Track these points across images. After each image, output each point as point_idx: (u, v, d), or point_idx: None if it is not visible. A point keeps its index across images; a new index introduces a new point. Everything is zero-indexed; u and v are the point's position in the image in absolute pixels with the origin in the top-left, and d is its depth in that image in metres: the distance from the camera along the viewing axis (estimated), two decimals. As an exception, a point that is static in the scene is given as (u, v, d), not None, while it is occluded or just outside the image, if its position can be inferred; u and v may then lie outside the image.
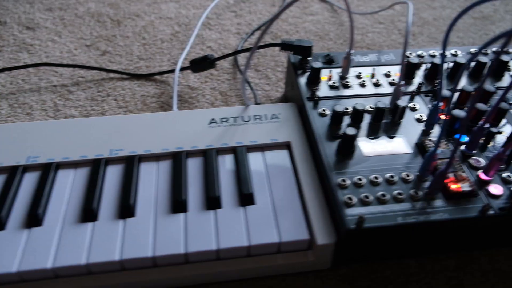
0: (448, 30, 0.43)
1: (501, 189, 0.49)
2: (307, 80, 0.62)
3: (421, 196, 0.48)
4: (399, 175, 0.50)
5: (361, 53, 0.68)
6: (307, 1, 0.99)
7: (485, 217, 0.47)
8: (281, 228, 0.48)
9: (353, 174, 0.50)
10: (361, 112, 0.55)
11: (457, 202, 0.48)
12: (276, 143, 0.56)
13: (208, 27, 0.88)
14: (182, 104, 0.70)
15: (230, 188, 0.52)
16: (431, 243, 0.50)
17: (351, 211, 0.46)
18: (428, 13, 0.97)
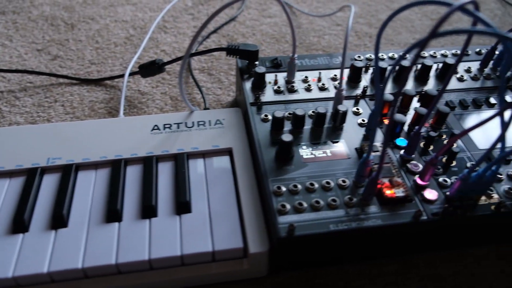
0: (379, 34, 0.43)
1: (435, 194, 0.49)
2: (252, 85, 0.62)
3: (355, 202, 0.47)
4: (336, 181, 0.49)
5: (310, 56, 0.68)
6: (266, 3, 0.99)
7: (418, 222, 0.47)
8: (216, 236, 0.47)
9: (290, 180, 0.49)
10: (301, 118, 0.54)
11: (391, 208, 0.48)
12: (218, 150, 0.56)
13: (164, 30, 0.87)
14: (131, 110, 0.69)
15: (168, 196, 0.51)
16: (369, 248, 0.50)
17: (283, 218, 0.46)
18: (387, 14, 0.97)
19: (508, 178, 0.52)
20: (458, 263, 0.52)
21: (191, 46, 0.52)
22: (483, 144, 0.55)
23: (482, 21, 0.36)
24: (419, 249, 0.53)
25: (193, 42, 0.51)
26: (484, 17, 0.36)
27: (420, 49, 0.35)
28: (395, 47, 0.88)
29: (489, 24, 0.36)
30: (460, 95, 0.64)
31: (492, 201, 0.49)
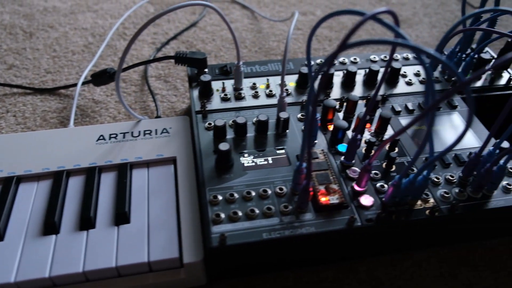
0: (309, 38, 0.44)
1: (371, 200, 0.49)
2: (199, 93, 0.62)
3: (291, 210, 0.48)
4: (274, 189, 0.50)
5: (260, 63, 0.68)
6: (229, 8, 0.99)
7: (352, 229, 0.47)
8: (152, 246, 0.47)
9: (228, 189, 0.50)
10: (243, 126, 0.55)
11: (327, 215, 0.48)
12: (162, 159, 0.56)
13: (123, 38, 0.87)
14: (83, 119, 0.69)
15: (108, 207, 0.51)
16: (307, 255, 0.51)
17: (217, 228, 0.46)
18: (348, 18, 0.98)
19: (446, 181, 0.52)
20: (398, 267, 0.52)
21: (124, 56, 0.52)
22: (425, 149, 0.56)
23: (395, 31, 0.37)
24: (360, 254, 0.53)
25: (125, 52, 0.51)
26: (396, 28, 0.37)
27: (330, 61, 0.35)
28: (354, 50, 0.89)
29: (402, 36, 0.37)
30: (407, 99, 0.64)
31: (427, 205, 0.50)
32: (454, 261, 0.53)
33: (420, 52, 0.34)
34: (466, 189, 0.52)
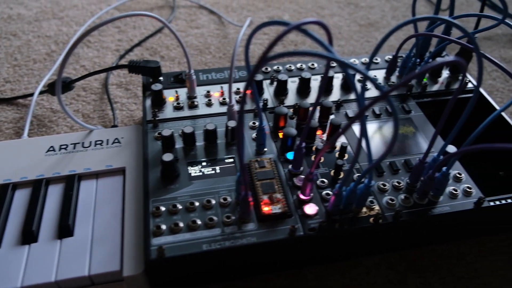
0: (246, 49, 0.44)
1: (315, 209, 0.49)
2: (151, 102, 0.62)
3: (234, 220, 0.48)
4: (219, 199, 0.50)
5: (217, 70, 0.68)
6: (196, 13, 0.99)
7: (293, 238, 0.47)
8: (94, 260, 0.47)
9: (172, 200, 0.49)
10: (190, 135, 0.54)
11: (270, 225, 0.48)
12: (111, 170, 0.56)
13: (86, 45, 0.87)
14: (39, 129, 0.68)
15: (53, 220, 0.51)
16: (254, 265, 0.50)
17: (157, 240, 0.46)
18: (315, 22, 0.98)
19: (393, 188, 0.52)
20: (347, 274, 0.52)
21: (62, 68, 0.51)
22: (375, 155, 0.56)
23: (320, 42, 0.36)
24: (308, 262, 0.53)
25: (65, 61, 0.51)
26: (321, 40, 0.36)
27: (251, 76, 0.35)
28: (319, 54, 0.88)
29: (328, 48, 0.36)
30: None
31: (372, 213, 0.49)
32: (403, 267, 0.53)
33: (342, 64, 0.34)
34: (413, 195, 0.51)
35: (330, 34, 0.39)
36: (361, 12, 1.03)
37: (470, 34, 0.44)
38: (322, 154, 0.43)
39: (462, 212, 0.51)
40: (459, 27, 0.43)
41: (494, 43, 0.95)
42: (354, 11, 1.03)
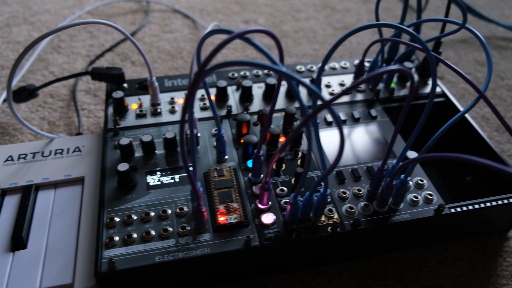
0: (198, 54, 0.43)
1: (272, 218, 0.48)
2: (113, 110, 0.61)
3: (189, 231, 0.47)
4: (175, 209, 0.49)
5: (182, 76, 0.67)
6: (170, 17, 0.98)
7: (249, 249, 0.46)
8: (46, 272, 0.46)
9: (127, 210, 0.49)
10: (149, 144, 0.54)
11: (226, 235, 0.47)
12: (70, 179, 0.55)
13: (57, 50, 0.86)
14: (3, 138, 0.67)
15: (6, 232, 0.50)
16: (213, 275, 0.50)
17: (109, 252, 0.45)
18: (290, 25, 0.97)
19: (354, 196, 0.52)
20: (309, 283, 0.52)
21: (11, 77, 0.50)
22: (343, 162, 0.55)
23: (264, 53, 0.36)
24: (270, 271, 0.52)
25: (13, 70, 0.50)
26: (265, 50, 0.36)
27: (194, 86, 0.34)
28: (292, 59, 0.88)
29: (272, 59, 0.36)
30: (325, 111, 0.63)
31: (330, 221, 0.49)
32: (365, 275, 0.53)
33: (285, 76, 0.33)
34: (373, 203, 0.51)
35: (279, 44, 0.38)
36: (337, 15, 1.02)
37: (421, 40, 0.43)
38: (273, 163, 0.42)
39: (422, 219, 0.50)
40: (408, 32, 0.43)
41: (469, 46, 0.95)
42: (331, 15, 1.03)
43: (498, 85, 0.84)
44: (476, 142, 0.61)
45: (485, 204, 0.52)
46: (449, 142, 0.64)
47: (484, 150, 0.59)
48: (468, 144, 0.62)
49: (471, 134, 0.62)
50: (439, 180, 0.63)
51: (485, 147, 0.59)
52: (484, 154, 0.59)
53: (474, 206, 0.52)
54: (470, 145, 0.61)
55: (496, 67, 0.89)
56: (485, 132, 0.74)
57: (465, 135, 0.63)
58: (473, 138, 0.61)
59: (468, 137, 0.62)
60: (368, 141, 0.59)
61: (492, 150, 0.58)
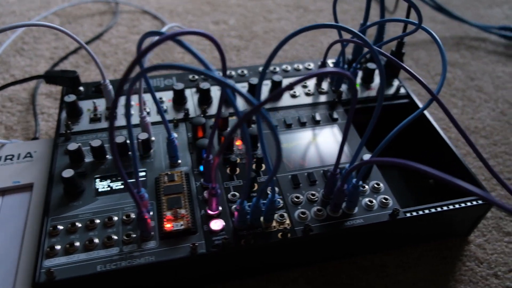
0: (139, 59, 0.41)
1: (221, 224, 0.47)
2: (66, 114, 0.59)
3: (134, 238, 0.45)
4: (122, 216, 0.47)
5: (141, 79, 0.66)
6: (139, 18, 0.96)
7: (196, 256, 0.45)
8: (-14, 283, 0.44)
9: (72, 218, 0.47)
10: (99, 149, 0.52)
11: (172, 242, 0.46)
12: (19, 186, 0.53)
13: (19, 53, 0.84)
14: (-43, 142, 0.65)
15: None
16: (160, 284, 0.48)
17: (50, 262, 0.44)
18: (261, 26, 0.96)
19: (308, 200, 0.50)
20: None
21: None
22: (294, 166, 0.54)
23: (197, 57, 0.35)
24: (223, 277, 0.51)
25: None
26: (198, 54, 0.35)
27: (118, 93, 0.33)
28: (261, 60, 0.87)
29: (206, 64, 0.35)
30: (288, 112, 0.62)
31: (282, 227, 0.48)
32: (321, 281, 0.52)
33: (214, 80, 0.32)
34: (327, 208, 0.50)
35: (219, 47, 0.37)
36: (309, 16, 1.01)
37: (368, 42, 0.42)
38: (215, 168, 0.41)
39: (377, 224, 0.49)
40: (348, 30, 0.42)
41: (441, 46, 0.94)
42: (303, 15, 1.01)
43: (468, 85, 0.84)
44: (439, 144, 0.60)
45: (441, 208, 0.51)
46: (414, 144, 0.63)
47: (445, 152, 0.58)
48: (433, 147, 0.61)
49: (434, 137, 0.61)
50: (404, 183, 0.62)
51: (447, 150, 0.58)
52: (446, 156, 0.58)
53: (431, 210, 0.51)
54: (435, 148, 0.61)
55: (467, 68, 0.89)
56: (452, 134, 0.73)
57: (428, 137, 0.62)
58: (437, 140, 0.60)
59: (432, 140, 0.61)
60: (328, 144, 0.57)
61: (453, 153, 0.58)
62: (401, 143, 0.62)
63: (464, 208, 0.51)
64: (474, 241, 0.58)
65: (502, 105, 0.80)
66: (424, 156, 0.63)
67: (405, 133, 0.61)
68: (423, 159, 0.64)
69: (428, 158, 0.62)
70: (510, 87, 0.84)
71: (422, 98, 0.80)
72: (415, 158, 0.66)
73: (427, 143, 0.63)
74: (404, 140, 0.64)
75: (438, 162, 0.60)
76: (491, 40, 0.98)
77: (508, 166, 0.68)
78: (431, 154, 0.62)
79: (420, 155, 0.63)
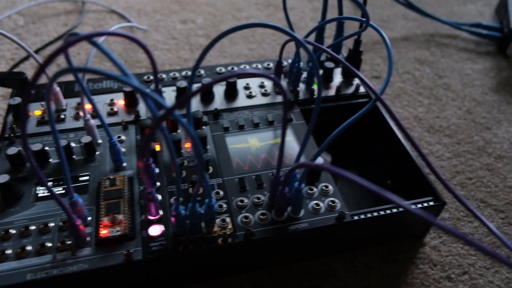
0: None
1: (160, 229, 0.46)
2: (13, 117, 0.58)
3: (68, 245, 0.44)
4: (59, 222, 0.46)
5: (94, 80, 0.65)
6: (105, 18, 0.95)
7: (131, 263, 0.44)
8: None
9: (7, 225, 0.46)
10: (40, 153, 0.51)
11: (108, 249, 0.44)
12: (-40, 191, 0.52)
13: (-21, 54, 0.82)
14: None
15: None
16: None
17: (-22, 270, 0.42)
18: (229, 25, 0.95)
19: (253, 204, 0.49)
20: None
21: None
22: (242, 168, 0.53)
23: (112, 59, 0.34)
24: (163, 285, 0.50)
25: None
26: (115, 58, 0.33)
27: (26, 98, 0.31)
28: (226, 59, 0.85)
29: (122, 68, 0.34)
30: (242, 113, 0.61)
31: (224, 232, 0.47)
32: (269, 286, 0.51)
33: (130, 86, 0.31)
34: (272, 212, 0.49)
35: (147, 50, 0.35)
36: (280, 14, 1.00)
37: (301, 41, 0.41)
38: (142, 172, 0.39)
39: (323, 228, 0.48)
40: (286, 33, 0.41)
41: (411, 43, 0.93)
42: (273, 13, 1.00)
43: (435, 83, 0.83)
44: (395, 144, 0.59)
45: (391, 211, 0.50)
46: (372, 143, 0.63)
47: (402, 153, 0.57)
48: (391, 147, 0.60)
49: (391, 136, 0.60)
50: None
51: (403, 150, 0.57)
52: (403, 156, 0.57)
53: (380, 213, 0.50)
54: (392, 148, 0.60)
55: (437, 65, 0.88)
56: (415, 133, 0.72)
57: (386, 137, 0.61)
58: (393, 139, 0.59)
59: (390, 139, 0.60)
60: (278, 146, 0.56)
61: (408, 154, 0.57)
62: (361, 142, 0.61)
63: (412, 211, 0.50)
64: (430, 243, 0.57)
65: (468, 103, 0.79)
66: (383, 156, 0.62)
67: (365, 132, 0.61)
68: (383, 160, 0.63)
69: (387, 158, 0.61)
70: (478, 85, 0.83)
71: (388, 97, 0.79)
72: (376, 158, 0.65)
73: (386, 143, 0.62)
74: (364, 139, 0.63)
75: (395, 163, 0.59)
76: (463, 37, 0.97)
77: (469, 165, 0.67)
78: (389, 154, 0.61)
79: (381, 156, 0.62)
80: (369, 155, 0.65)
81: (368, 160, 0.65)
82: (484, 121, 0.75)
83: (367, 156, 0.65)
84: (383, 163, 0.63)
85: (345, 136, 0.64)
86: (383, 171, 0.63)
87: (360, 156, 0.66)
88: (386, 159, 0.62)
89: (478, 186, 0.64)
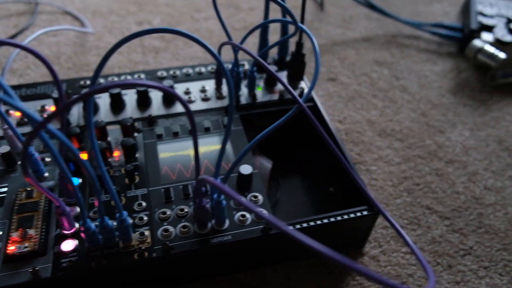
0: None
1: (73, 244, 0.44)
2: None
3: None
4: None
5: (28, 85, 0.63)
6: (58, 20, 0.92)
7: (38, 281, 0.41)
8: None
9: None
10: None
11: (17, 266, 0.42)
12: None
13: None
14: None
15: None
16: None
17: None
18: (187, 26, 0.93)
19: (176, 216, 0.47)
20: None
21: None
22: (169, 178, 0.51)
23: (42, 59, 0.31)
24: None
25: None
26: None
27: None
28: (180, 62, 0.83)
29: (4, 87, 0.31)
30: (178, 119, 0.59)
31: (142, 246, 0.45)
32: (196, 301, 0.49)
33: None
34: (194, 224, 0.47)
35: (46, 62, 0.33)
36: (240, 14, 0.98)
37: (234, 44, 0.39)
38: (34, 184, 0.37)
39: (248, 240, 0.46)
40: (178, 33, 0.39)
41: (371, 44, 0.92)
42: (233, 14, 0.98)
43: (392, 85, 0.81)
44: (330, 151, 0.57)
45: (321, 221, 0.48)
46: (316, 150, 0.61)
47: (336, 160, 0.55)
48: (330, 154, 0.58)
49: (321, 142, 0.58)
50: (306, 192, 0.60)
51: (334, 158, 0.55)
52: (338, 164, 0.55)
53: (309, 224, 0.48)
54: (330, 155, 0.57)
55: (395, 67, 0.86)
56: (366, 137, 0.71)
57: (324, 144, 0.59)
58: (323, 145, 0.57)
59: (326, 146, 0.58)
60: (212, 154, 0.54)
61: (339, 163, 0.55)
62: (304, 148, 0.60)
63: (345, 220, 0.48)
64: (369, 253, 0.55)
65: (424, 105, 0.77)
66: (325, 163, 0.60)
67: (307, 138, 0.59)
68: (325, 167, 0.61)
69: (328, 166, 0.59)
70: (435, 87, 0.81)
71: (341, 100, 0.77)
72: (319, 165, 0.63)
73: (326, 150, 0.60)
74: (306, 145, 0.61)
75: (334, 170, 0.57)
76: (425, 38, 0.95)
77: (419, 170, 0.65)
78: (329, 162, 0.59)
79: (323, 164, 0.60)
80: (312, 162, 0.63)
81: (312, 167, 0.63)
82: (438, 124, 0.74)
83: (310, 162, 0.63)
84: (325, 170, 0.61)
85: (289, 142, 0.63)
86: (326, 178, 0.61)
87: (304, 162, 0.64)
88: (327, 166, 0.60)
89: (425, 192, 0.63)
